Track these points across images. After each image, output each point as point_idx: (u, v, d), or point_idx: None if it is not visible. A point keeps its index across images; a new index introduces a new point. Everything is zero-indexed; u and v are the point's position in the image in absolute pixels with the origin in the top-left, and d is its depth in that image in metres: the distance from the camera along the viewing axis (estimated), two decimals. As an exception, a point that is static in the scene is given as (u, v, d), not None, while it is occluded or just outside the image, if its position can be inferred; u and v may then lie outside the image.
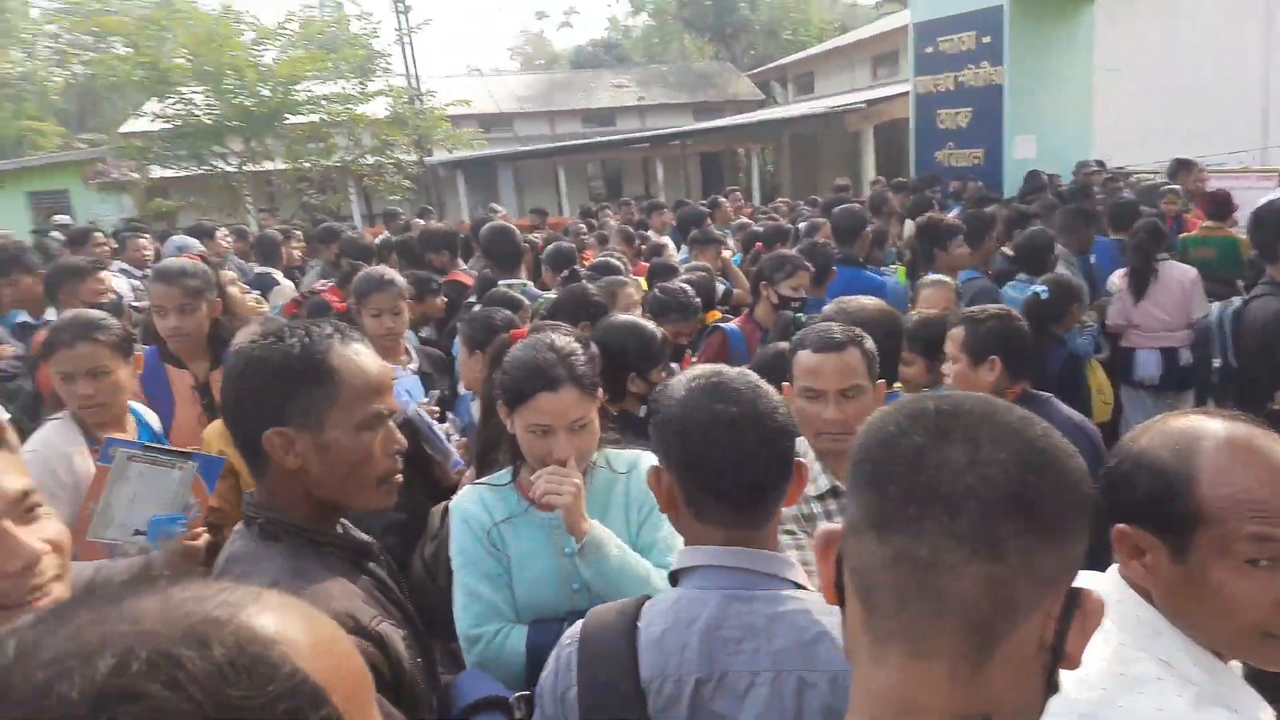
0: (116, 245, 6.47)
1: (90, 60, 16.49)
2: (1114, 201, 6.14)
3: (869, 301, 2.53)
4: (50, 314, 3.99)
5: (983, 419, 0.70)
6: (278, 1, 18.98)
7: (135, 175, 15.94)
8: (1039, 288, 3.70)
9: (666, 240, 6.81)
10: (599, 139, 21.86)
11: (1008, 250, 4.97)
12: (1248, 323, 3.34)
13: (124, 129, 19.72)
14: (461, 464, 2.63)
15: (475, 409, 2.74)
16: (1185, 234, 5.92)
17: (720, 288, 4.54)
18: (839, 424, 1.90)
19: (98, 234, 6.48)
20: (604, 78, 29.67)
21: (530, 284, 4.57)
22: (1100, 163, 9.28)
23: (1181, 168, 7.77)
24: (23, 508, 1.01)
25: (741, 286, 4.90)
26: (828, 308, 2.52)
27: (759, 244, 5.39)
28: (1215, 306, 3.63)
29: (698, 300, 3.48)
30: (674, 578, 1.27)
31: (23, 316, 4.33)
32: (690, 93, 27.71)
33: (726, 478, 1.20)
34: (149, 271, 4.22)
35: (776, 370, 2.56)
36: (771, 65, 27.32)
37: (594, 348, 1.91)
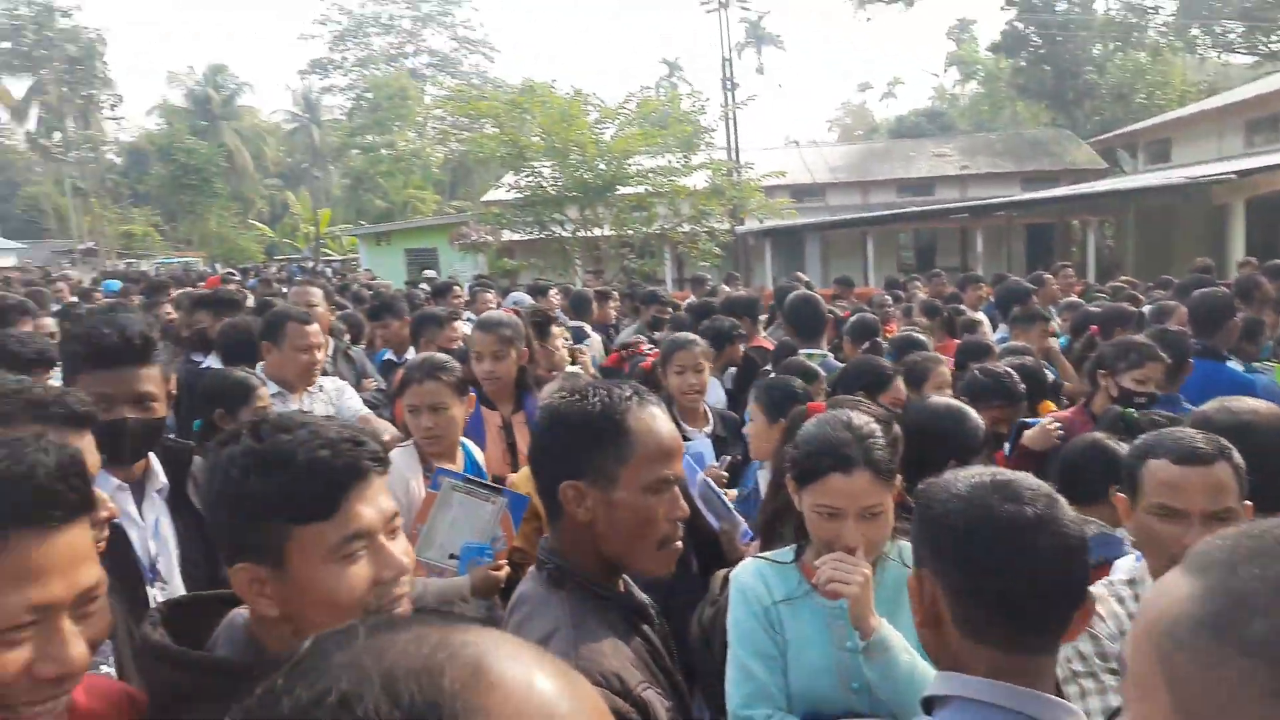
0: (469, 298, 7.40)
1: (465, 139, 19.30)
2: None
3: (1263, 405, 2.10)
4: (411, 354, 4.63)
5: None
6: (620, 82, 20.91)
7: (490, 238, 18.26)
8: None
9: (981, 317, 6.35)
10: (912, 209, 21.21)
11: None
12: None
13: (485, 198, 22.73)
14: (751, 536, 2.60)
15: (764, 478, 2.71)
16: None
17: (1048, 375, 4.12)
18: (1206, 553, 1.59)
19: (456, 287, 7.45)
20: (924, 147, 28.88)
21: (830, 355, 4.48)
22: None
23: None
24: (390, 526, 1.14)
25: (1067, 375, 4.42)
26: (1209, 405, 2.10)
27: (1094, 328, 4.83)
28: None
29: (1023, 386, 3.17)
30: (927, 704, 1.13)
31: (388, 355, 5.09)
32: (1019, 161, 26.03)
33: (1013, 589, 1.04)
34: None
35: (1089, 469, 2.25)
36: (1119, 132, 24.87)
37: (897, 429, 1.80)
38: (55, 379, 2.43)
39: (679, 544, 1.41)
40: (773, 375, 3.32)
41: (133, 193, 46.31)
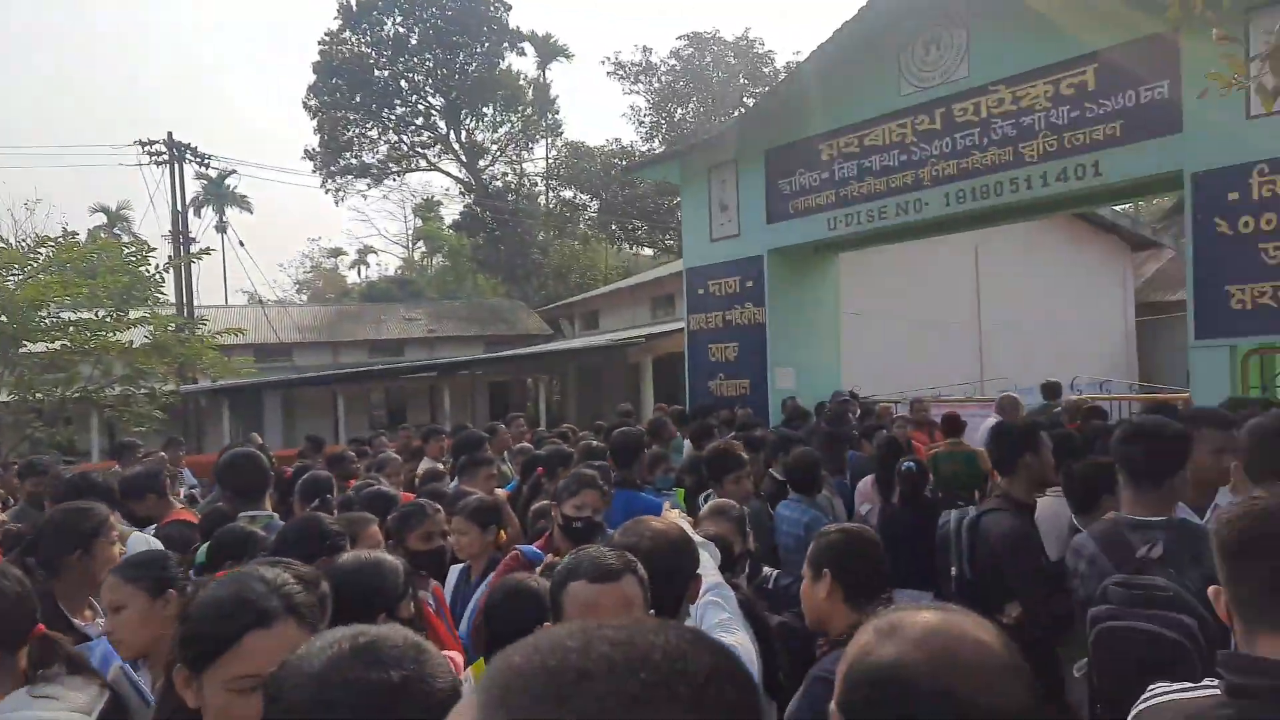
0: None
1: None
2: (864, 425, 6.76)
3: (657, 524, 2.32)
4: None
5: None
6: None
7: None
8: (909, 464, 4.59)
9: (440, 467, 6.42)
10: (381, 366, 21.51)
11: (776, 473, 5.04)
12: (981, 535, 3.36)
13: None
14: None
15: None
16: (935, 450, 6.41)
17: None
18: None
19: None
20: (395, 311, 29.84)
21: (275, 516, 4.01)
22: (853, 393, 10.10)
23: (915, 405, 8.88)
24: None
25: (510, 522, 4.57)
26: (617, 532, 2.32)
27: (540, 469, 5.15)
28: (952, 515, 3.55)
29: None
30: None
31: None
32: (481, 327, 28.36)
33: None
34: None
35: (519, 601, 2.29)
36: (560, 304, 28.76)
37: (325, 586, 1.53)
38: None
39: None
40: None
41: None
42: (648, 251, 40.84)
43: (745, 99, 29.82)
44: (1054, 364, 14.75)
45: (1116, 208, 17.19)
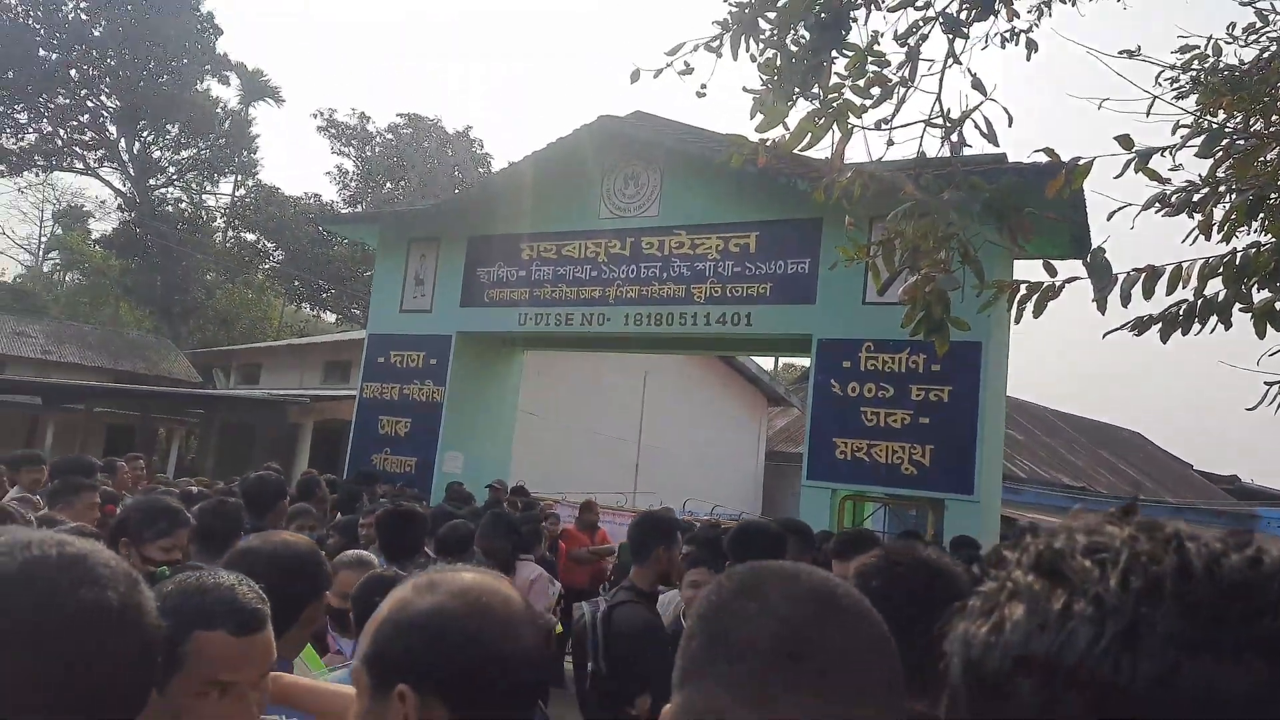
0: None
1: None
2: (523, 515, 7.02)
3: (290, 535, 2.25)
4: None
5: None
6: None
7: None
8: None
9: (36, 499, 5.45)
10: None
11: (430, 550, 5.00)
12: (614, 630, 3.35)
13: None
14: None
15: None
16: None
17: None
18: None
19: None
20: (3, 323, 25.14)
21: None
22: (521, 488, 10.27)
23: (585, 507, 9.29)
24: None
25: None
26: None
27: (110, 506, 4.65)
28: (585, 608, 3.53)
29: None
30: None
31: None
32: (112, 359, 24.78)
33: None
34: None
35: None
36: (215, 350, 26.16)
37: None
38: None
39: None
40: None
41: None
42: (330, 317, 38.78)
43: (456, 190, 30.19)
44: (696, 490, 16.24)
45: (761, 362, 19.76)
